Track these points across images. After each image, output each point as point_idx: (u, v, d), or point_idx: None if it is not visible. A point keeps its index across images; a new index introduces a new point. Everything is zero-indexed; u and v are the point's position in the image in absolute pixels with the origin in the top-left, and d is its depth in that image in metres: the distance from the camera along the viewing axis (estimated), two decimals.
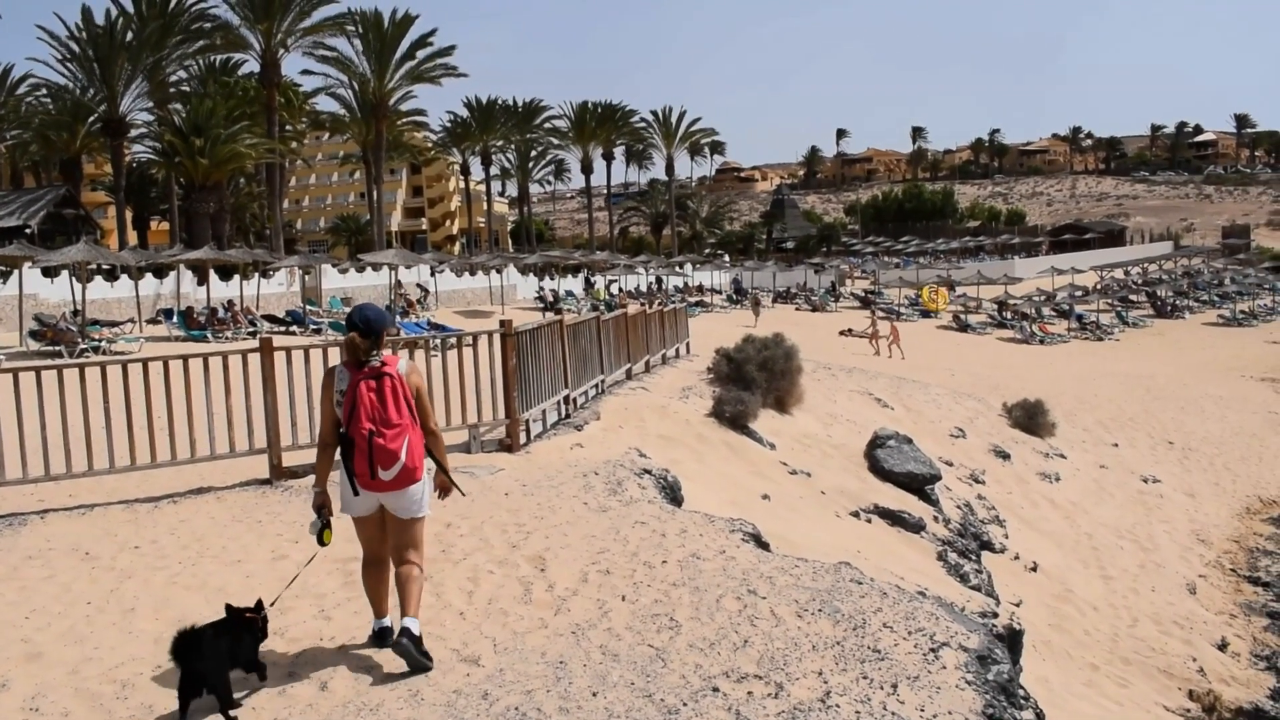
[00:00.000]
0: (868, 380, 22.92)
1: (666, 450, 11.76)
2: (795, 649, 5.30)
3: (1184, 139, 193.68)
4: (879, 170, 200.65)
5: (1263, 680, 13.10)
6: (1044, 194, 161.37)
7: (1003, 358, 39.12)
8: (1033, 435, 21.69)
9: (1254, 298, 63.23)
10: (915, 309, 54.95)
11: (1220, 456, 24.44)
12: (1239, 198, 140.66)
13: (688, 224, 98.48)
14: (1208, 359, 42.41)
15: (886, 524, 12.03)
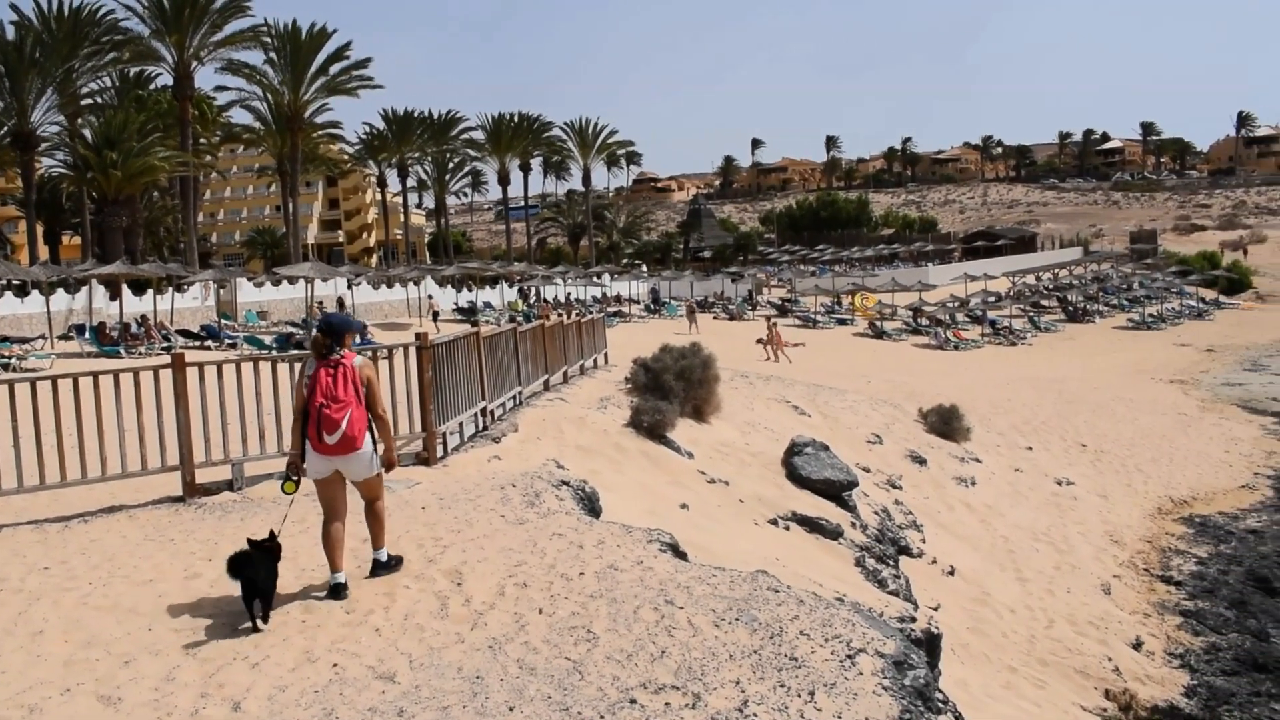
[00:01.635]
0: (785, 388, 23.11)
1: (585, 461, 11.71)
2: (713, 659, 5.27)
3: (1092, 147, 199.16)
4: (794, 179, 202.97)
5: (1177, 678, 13.42)
6: (956, 201, 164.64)
7: (918, 364, 39.77)
8: (948, 440, 22.04)
9: (1161, 301, 65.17)
10: (831, 317, 55.62)
11: (1132, 458, 25.06)
12: (1146, 204, 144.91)
13: (605, 234, 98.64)
14: (1118, 362, 43.60)
15: (805, 531, 12.10)
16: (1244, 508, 22.03)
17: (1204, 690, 13.12)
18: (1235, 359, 45.54)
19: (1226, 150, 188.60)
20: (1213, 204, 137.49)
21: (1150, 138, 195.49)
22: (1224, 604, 16.42)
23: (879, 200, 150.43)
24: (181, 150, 50.14)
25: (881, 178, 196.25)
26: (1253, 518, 21.39)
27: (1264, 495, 22.98)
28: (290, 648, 5.82)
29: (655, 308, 58.28)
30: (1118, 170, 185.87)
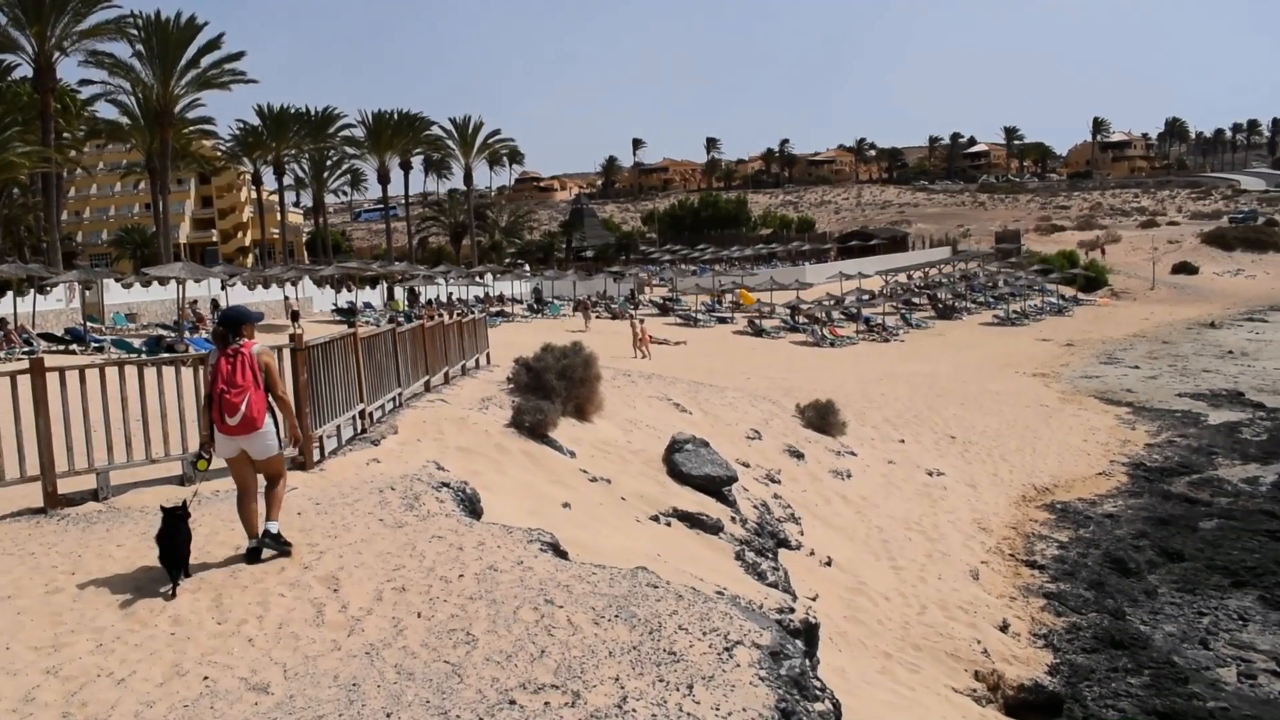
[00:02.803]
0: (667, 386, 23.31)
1: (466, 462, 11.64)
2: (592, 656, 5.33)
3: (959, 150, 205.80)
4: (675, 180, 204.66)
5: (1041, 657, 13.96)
6: (832, 202, 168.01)
7: (796, 360, 40.49)
8: (825, 434, 22.52)
9: (1025, 299, 67.54)
10: (712, 315, 56.24)
11: (998, 448, 25.93)
12: (1010, 205, 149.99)
13: (487, 234, 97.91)
14: (985, 357, 45.02)
15: (686, 527, 12.24)
16: (1101, 494, 23.05)
17: (1066, 668, 13.69)
18: (1093, 353, 47.51)
19: (1084, 155, 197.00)
20: (1071, 206, 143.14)
21: (1014, 142, 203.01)
22: (1083, 585, 17.17)
23: (758, 200, 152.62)
24: (43, 145, 47.89)
25: (760, 179, 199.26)
26: (1109, 503, 22.40)
27: (1119, 482, 24.07)
28: (158, 661, 5.67)
29: (538, 307, 58.12)
30: (983, 173, 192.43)
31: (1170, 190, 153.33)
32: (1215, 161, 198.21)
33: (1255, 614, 16.98)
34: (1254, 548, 19.72)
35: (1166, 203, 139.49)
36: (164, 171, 58.71)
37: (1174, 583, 18.17)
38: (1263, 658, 15.29)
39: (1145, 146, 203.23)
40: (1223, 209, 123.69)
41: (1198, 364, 43.71)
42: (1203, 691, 13.59)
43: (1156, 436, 28.79)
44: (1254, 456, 26.66)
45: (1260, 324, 58.73)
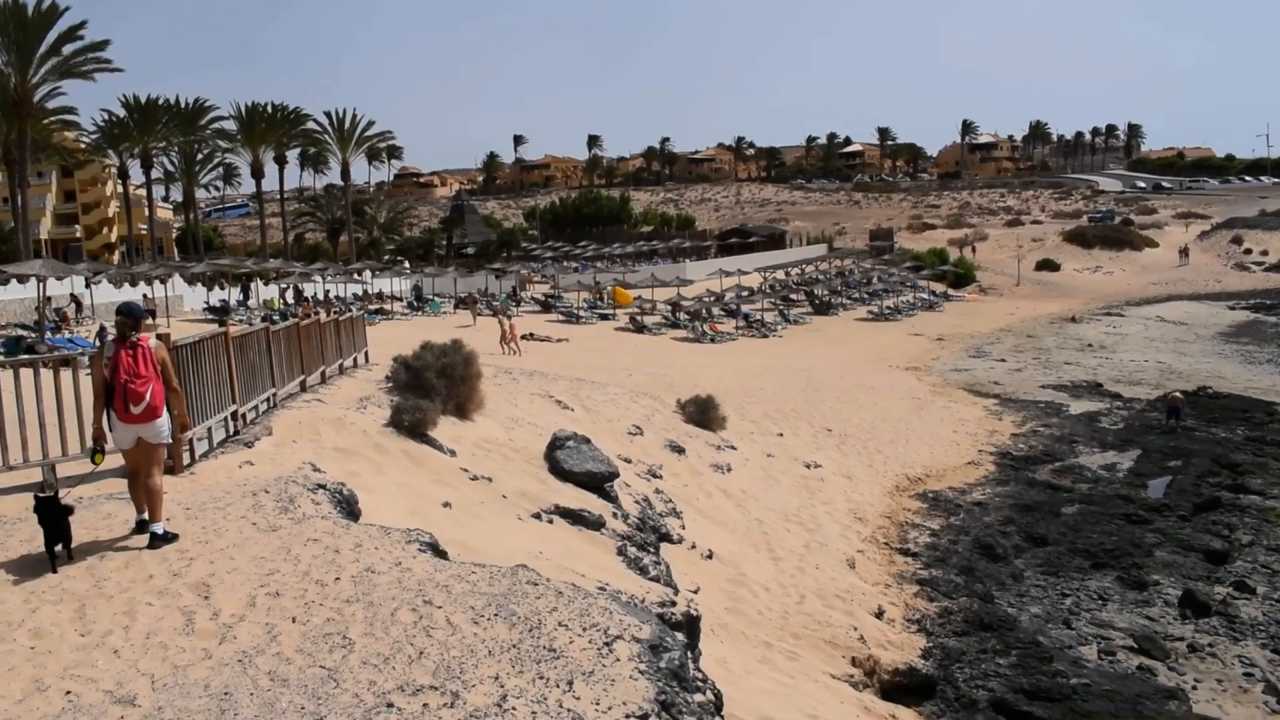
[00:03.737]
0: (548, 383, 23.27)
1: (344, 463, 11.45)
2: (471, 656, 5.31)
3: (835, 150, 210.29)
4: (557, 177, 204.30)
5: (915, 642, 14.36)
6: (712, 200, 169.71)
7: (677, 356, 40.82)
8: (705, 429, 22.78)
9: (898, 295, 69.32)
10: (594, 312, 56.33)
11: (872, 440, 26.57)
12: (883, 204, 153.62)
13: (366, 230, 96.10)
14: (860, 352, 46.05)
15: (568, 523, 12.25)
16: (970, 482, 23.83)
17: (939, 651, 14.12)
18: (962, 347, 49.01)
19: (953, 155, 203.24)
20: (942, 205, 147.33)
21: (887, 143, 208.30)
22: (954, 571, 17.74)
23: (639, 198, 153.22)
24: None
25: (641, 176, 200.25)
26: (978, 491, 23.18)
27: (987, 471, 24.93)
28: (17, 677, 5.45)
29: (418, 305, 57.33)
30: (858, 172, 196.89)
31: (1034, 190, 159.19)
32: (1076, 163, 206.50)
33: (1114, 594, 17.81)
34: (1112, 531, 20.67)
35: (1031, 202, 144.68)
36: (23, 164, 55.99)
37: (1039, 566, 18.92)
38: (1121, 635, 16.05)
39: (1011, 148, 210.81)
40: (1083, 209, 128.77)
41: (1060, 357, 45.49)
42: (1066, 669, 14.19)
43: (1022, 426, 29.87)
44: (1111, 444, 27.90)
45: (1117, 318, 61.38)
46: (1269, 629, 16.50)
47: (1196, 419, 30.81)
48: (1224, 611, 17.09)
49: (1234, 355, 48.54)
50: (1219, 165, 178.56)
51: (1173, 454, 26.52)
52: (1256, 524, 21.78)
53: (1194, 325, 59.06)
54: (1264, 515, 22.33)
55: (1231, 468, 25.58)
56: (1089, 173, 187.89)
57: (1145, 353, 47.56)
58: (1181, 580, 18.35)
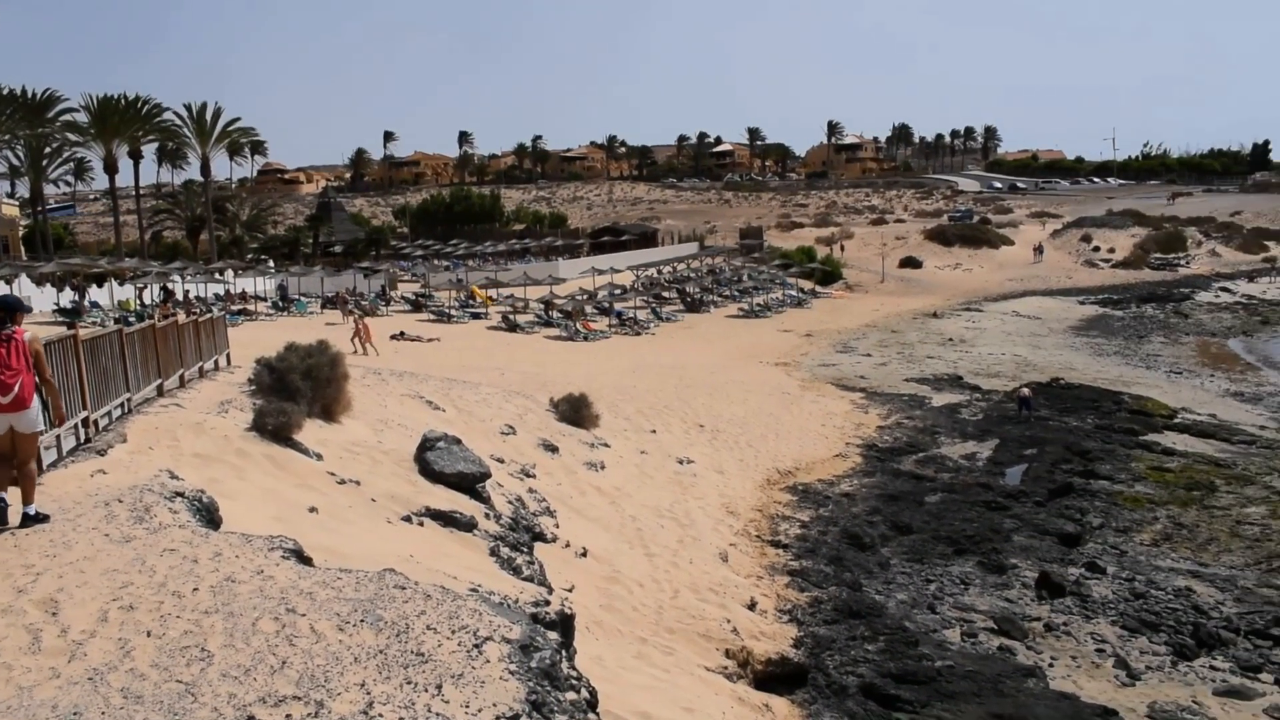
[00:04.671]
0: (418, 383, 22.94)
1: (204, 470, 11.08)
2: (337, 663, 5.19)
3: (706, 149, 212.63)
4: (427, 174, 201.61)
5: (786, 632, 14.60)
6: (584, 198, 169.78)
7: (550, 355, 40.72)
8: (579, 427, 22.76)
9: (767, 292, 70.42)
10: (466, 311, 55.77)
11: (744, 435, 26.91)
12: (753, 203, 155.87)
13: (228, 228, 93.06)
14: (731, 348, 46.60)
15: (439, 525, 12.09)
16: (838, 474, 24.37)
17: (810, 640, 14.38)
18: (829, 343, 50.03)
19: (820, 156, 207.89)
20: (809, 204, 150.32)
21: (756, 143, 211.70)
22: (824, 561, 18.11)
23: (511, 196, 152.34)
24: None
25: (513, 174, 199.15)
26: (846, 483, 23.71)
27: (854, 463, 25.53)
28: None
29: (284, 305, 55.85)
30: (728, 172, 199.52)
31: (897, 190, 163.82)
32: (936, 164, 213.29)
33: (975, 578, 18.46)
34: (972, 518, 21.41)
35: (894, 201, 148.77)
36: None
37: (904, 554, 19.48)
38: (982, 617, 16.65)
39: (875, 149, 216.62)
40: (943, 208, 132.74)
41: (922, 351, 46.84)
42: (931, 652, 14.63)
43: (887, 419, 30.67)
44: (971, 434, 28.87)
45: (976, 313, 63.48)
46: (1118, 606, 17.33)
47: (1050, 409, 32.12)
48: (1077, 591, 17.90)
49: (1084, 348, 50.80)
50: (1069, 167, 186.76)
51: (1028, 443, 27.59)
52: (1106, 507, 22.86)
53: (1048, 320, 61.54)
54: (1113, 499, 23.45)
55: (1082, 455, 26.77)
56: (949, 173, 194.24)
57: (1002, 346, 49.35)
58: (1037, 563, 19.13)
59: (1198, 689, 14.64)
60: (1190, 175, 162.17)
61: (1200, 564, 19.70)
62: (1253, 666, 15.31)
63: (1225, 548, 20.55)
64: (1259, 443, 29.04)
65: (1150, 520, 22.13)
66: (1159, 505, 23.12)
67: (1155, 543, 20.86)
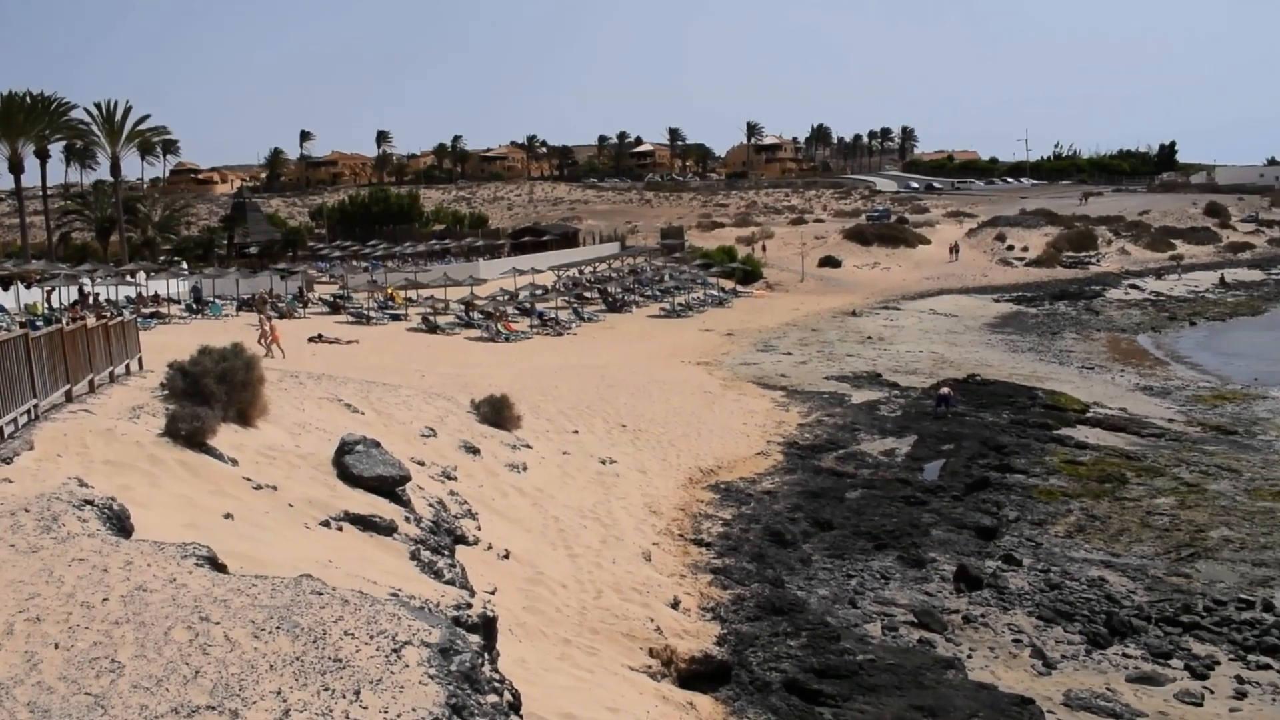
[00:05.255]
0: (337, 386, 22.63)
1: (114, 477, 10.81)
2: (252, 671, 5.11)
3: (626, 149, 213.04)
4: (345, 174, 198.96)
5: (710, 629, 14.69)
6: (505, 199, 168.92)
7: (471, 356, 40.45)
8: (500, 429, 22.64)
9: (689, 292, 70.68)
10: (385, 313, 55.17)
11: (666, 434, 26.99)
12: (674, 203, 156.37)
13: (139, 229, 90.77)
14: (653, 348, 46.71)
15: (358, 530, 11.95)
16: (760, 472, 24.57)
17: (733, 637, 14.48)
18: (750, 342, 50.37)
19: (740, 156, 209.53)
20: (730, 204, 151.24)
21: (677, 143, 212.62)
22: (746, 559, 18.26)
23: (430, 196, 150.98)
24: None
25: (433, 174, 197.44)
26: (767, 480, 23.93)
27: (776, 460, 25.76)
28: None
29: (198, 308, 54.70)
30: (649, 172, 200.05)
31: (816, 190, 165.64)
32: (854, 164, 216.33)
33: (895, 572, 18.77)
34: (892, 513, 21.75)
35: (813, 201, 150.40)
36: None
37: (825, 550, 19.72)
38: (902, 611, 16.94)
39: (794, 150, 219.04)
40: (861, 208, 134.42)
41: (842, 349, 47.42)
42: (853, 647, 14.83)
43: (807, 417, 30.99)
44: (890, 431, 29.31)
45: (894, 312, 64.43)
46: (1034, 597, 17.76)
47: (966, 405, 32.74)
48: (994, 584, 18.29)
49: (999, 344, 51.89)
50: (984, 167, 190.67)
51: (945, 438, 28.10)
52: (1021, 501, 23.39)
53: (964, 317, 62.72)
54: (1028, 493, 24.01)
55: (998, 449, 27.34)
56: (867, 174, 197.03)
57: (920, 344, 50.19)
58: (955, 556, 19.50)
59: (1111, 676, 15.08)
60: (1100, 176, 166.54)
61: (1112, 554, 20.26)
62: (1163, 653, 15.81)
63: (1136, 538, 21.16)
64: (1167, 435, 29.94)
65: (1064, 513, 22.69)
66: (1072, 498, 23.72)
67: (1069, 534, 21.41)
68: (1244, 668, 15.45)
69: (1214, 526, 21.75)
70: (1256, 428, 31.42)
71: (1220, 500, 23.53)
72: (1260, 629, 16.67)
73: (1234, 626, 16.78)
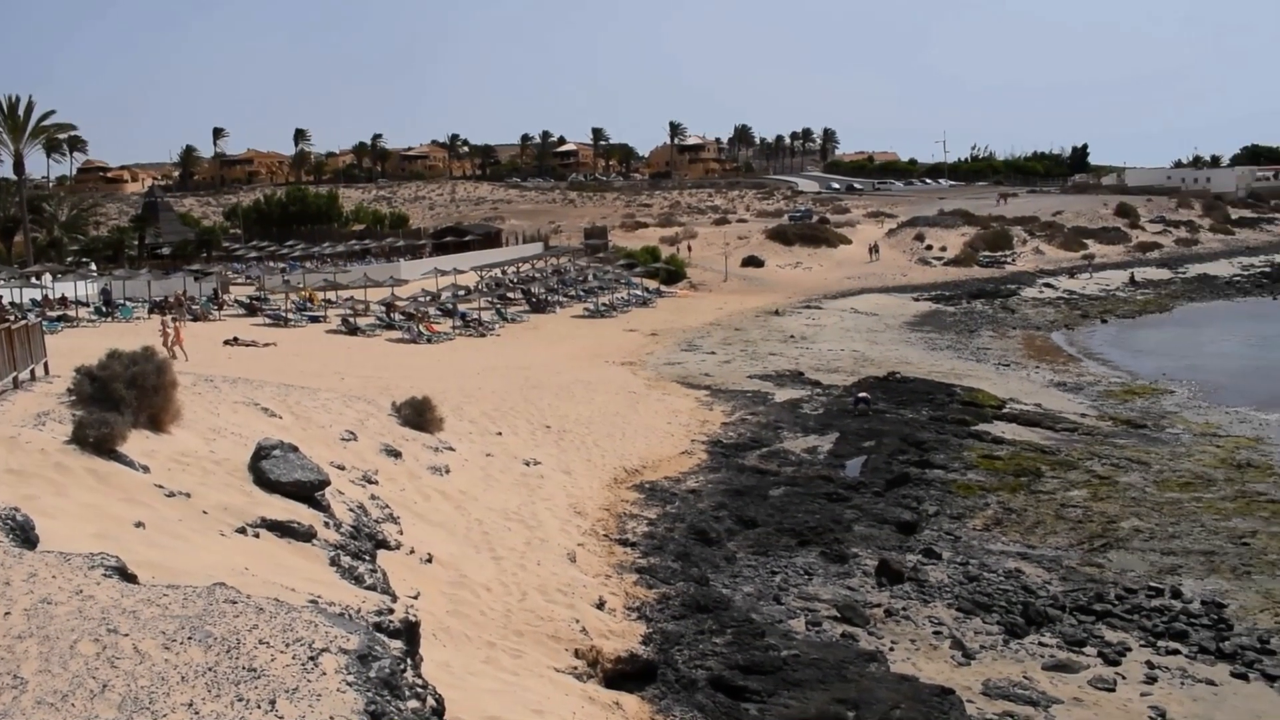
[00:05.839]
0: (253, 390, 22.17)
1: (18, 486, 10.46)
2: (163, 684, 4.95)
3: (550, 149, 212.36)
4: (261, 172, 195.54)
5: (635, 629, 14.67)
6: (426, 198, 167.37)
7: (392, 358, 39.98)
8: (423, 431, 22.39)
9: (613, 291, 70.64)
10: (304, 315, 54.25)
11: (590, 435, 26.94)
12: (597, 203, 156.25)
13: (45, 229, 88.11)
14: (577, 349, 46.62)
15: (276, 536, 11.71)
16: (684, 471, 24.64)
17: (658, 636, 14.49)
18: (674, 341, 50.53)
19: (663, 156, 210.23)
20: (653, 204, 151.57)
21: (600, 143, 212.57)
22: (671, 558, 18.29)
23: (350, 196, 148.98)
24: None
25: (352, 173, 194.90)
26: (692, 479, 24.01)
27: (700, 459, 25.86)
28: None
29: (108, 310, 53.22)
30: (573, 171, 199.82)
31: (739, 190, 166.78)
32: (777, 165, 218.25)
33: (818, 568, 18.97)
34: (815, 510, 21.97)
35: (736, 201, 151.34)
36: None
37: (750, 547, 19.84)
38: (825, 606, 17.12)
39: (717, 150, 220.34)
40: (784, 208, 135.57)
41: (765, 348, 47.78)
42: (777, 642, 14.95)
43: (731, 415, 31.18)
44: (812, 429, 29.60)
45: (816, 311, 65.05)
46: (953, 590, 18.09)
47: (887, 402, 33.21)
48: (915, 577, 18.59)
49: (919, 342, 52.71)
50: (903, 169, 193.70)
51: (867, 435, 28.46)
52: (941, 495, 23.81)
53: (884, 316, 63.57)
54: (947, 487, 24.44)
55: (918, 445, 27.78)
56: (789, 174, 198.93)
57: (841, 342, 50.78)
58: (877, 551, 19.77)
59: (1028, 665, 15.41)
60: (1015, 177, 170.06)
61: (1028, 546, 20.72)
62: (1078, 641, 16.21)
63: (1051, 530, 21.67)
64: (1080, 430, 30.71)
65: (982, 506, 23.14)
66: (990, 492, 24.20)
67: (987, 527, 21.83)
68: (1154, 653, 15.92)
69: (1125, 517, 22.37)
70: (1165, 421, 32.38)
71: (1130, 492, 24.21)
72: (1169, 615, 17.19)
73: (1144, 614, 17.29)
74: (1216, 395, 37.05)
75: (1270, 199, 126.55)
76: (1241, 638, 16.38)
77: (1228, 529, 21.60)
